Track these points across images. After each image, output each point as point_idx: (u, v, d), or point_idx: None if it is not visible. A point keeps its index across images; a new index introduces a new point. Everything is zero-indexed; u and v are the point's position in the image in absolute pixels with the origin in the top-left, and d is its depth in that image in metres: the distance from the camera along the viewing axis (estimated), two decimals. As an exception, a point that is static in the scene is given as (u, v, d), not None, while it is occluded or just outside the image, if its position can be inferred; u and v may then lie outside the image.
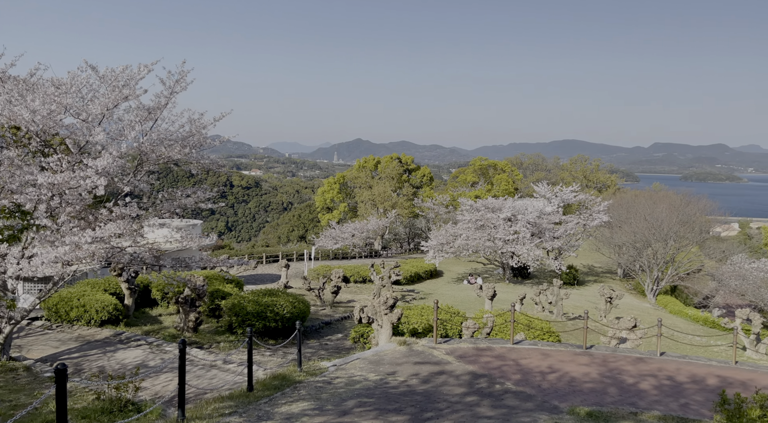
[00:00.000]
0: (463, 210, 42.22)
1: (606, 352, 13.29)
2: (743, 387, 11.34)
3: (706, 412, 9.61)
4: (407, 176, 68.89)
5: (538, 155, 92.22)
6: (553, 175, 77.15)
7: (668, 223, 38.79)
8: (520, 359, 11.93)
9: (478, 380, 10.35)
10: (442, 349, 12.77)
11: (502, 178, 65.26)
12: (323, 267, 37.64)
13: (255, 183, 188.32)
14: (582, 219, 43.39)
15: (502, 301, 28.65)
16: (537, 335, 16.83)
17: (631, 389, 10.40)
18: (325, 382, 10.12)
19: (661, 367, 12.18)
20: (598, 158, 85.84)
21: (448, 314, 17.44)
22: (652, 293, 39.04)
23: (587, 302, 33.17)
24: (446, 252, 39.46)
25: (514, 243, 38.18)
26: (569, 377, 10.84)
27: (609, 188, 74.34)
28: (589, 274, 46.72)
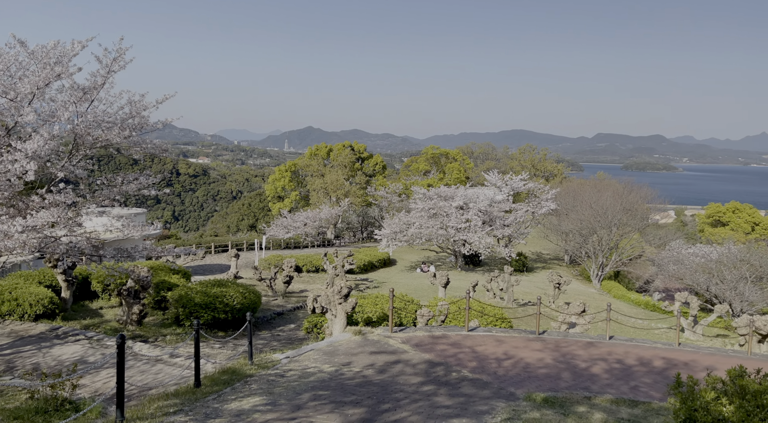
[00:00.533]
0: (416, 198, 42.35)
1: (558, 338, 13.50)
2: (687, 368, 11.74)
3: (655, 394, 9.85)
4: (360, 164, 68.46)
5: (488, 144, 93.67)
6: (502, 164, 78.56)
7: (612, 210, 40.15)
8: (475, 346, 11.91)
9: (434, 369, 10.23)
10: (397, 337, 12.61)
11: (453, 167, 65.85)
12: (275, 257, 36.90)
13: (203, 171, 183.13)
14: (531, 207, 44.36)
15: (455, 289, 28.89)
16: (490, 322, 16.97)
17: (584, 373, 10.55)
18: (278, 375, 9.76)
19: (611, 351, 12.45)
20: (545, 148, 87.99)
21: (403, 302, 17.33)
22: (598, 279, 40.42)
23: (536, 288, 33.95)
24: (399, 240, 39.47)
25: (466, 231, 38.60)
26: (524, 363, 10.89)
27: (556, 177, 76.37)
28: (538, 260, 47.92)
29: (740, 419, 5.57)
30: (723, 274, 30.96)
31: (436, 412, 7.72)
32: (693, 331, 25.18)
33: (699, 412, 6.03)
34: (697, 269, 34.13)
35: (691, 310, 25.65)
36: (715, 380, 6.53)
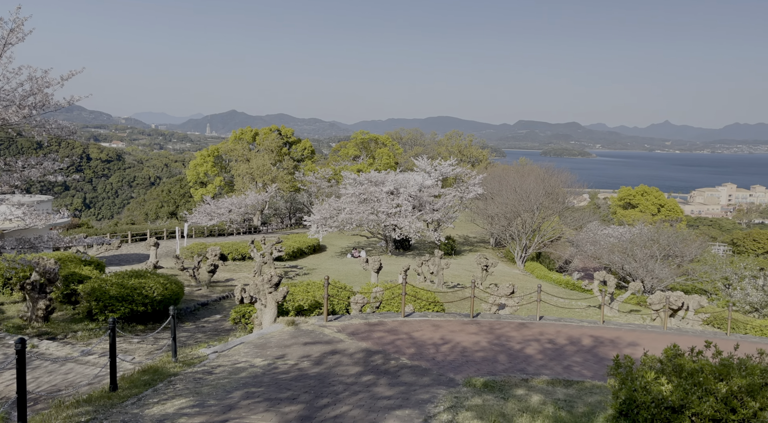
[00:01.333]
0: (347, 183, 41.81)
1: (492, 320, 13.60)
2: (613, 345, 12.17)
3: (587, 372, 10.08)
4: (287, 149, 66.82)
5: (417, 130, 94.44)
6: (430, 150, 79.48)
7: (535, 194, 41.58)
8: (412, 332, 11.73)
9: (372, 357, 9.92)
10: (333, 326, 12.19)
11: (383, 152, 65.79)
12: (198, 245, 35.24)
13: (117, 156, 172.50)
14: (459, 191, 45.10)
15: (387, 273, 28.81)
16: (423, 306, 16.93)
17: (519, 355, 10.63)
18: (206, 372, 9.07)
19: (542, 331, 12.69)
20: (471, 134, 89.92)
21: (336, 289, 16.91)
22: (521, 260, 41.86)
23: (465, 271, 34.60)
24: (330, 226, 38.89)
25: (397, 216, 38.63)
26: (461, 347, 10.82)
27: (481, 162, 78.30)
28: (465, 244, 48.96)
29: (679, 398, 5.62)
30: (635, 253, 32.89)
31: (377, 404, 7.40)
32: (610, 307, 26.56)
33: (638, 393, 6.05)
34: (612, 249, 36.07)
35: (609, 288, 27.02)
36: (652, 360, 6.61)
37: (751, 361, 6.27)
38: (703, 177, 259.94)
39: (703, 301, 22.30)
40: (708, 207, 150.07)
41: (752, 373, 5.78)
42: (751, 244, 56.87)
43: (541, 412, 7.61)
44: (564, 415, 7.71)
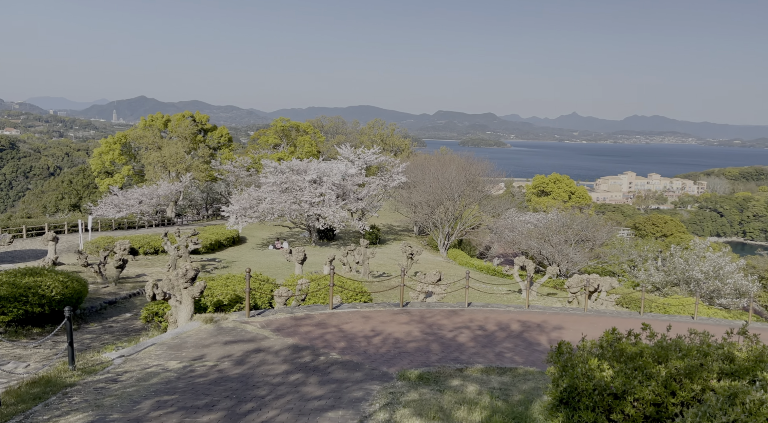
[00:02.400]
0: (267, 172, 40.38)
1: (422, 308, 13.35)
2: (540, 329, 12.29)
3: (518, 358, 10.02)
4: (203, 137, 63.68)
5: (339, 118, 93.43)
6: (352, 139, 78.83)
7: (457, 182, 42.23)
8: (342, 325, 11.19)
9: (300, 354, 9.28)
10: (256, 322, 11.39)
11: (305, 140, 64.36)
12: (105, 239, 32.63)
13: (10, 144, 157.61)
14: (383, 180, 44.95)
15: (311, 264, 28.07)
16: (351, 296, 16.43)
17: (452, 344, 10.40)
18: (110, 379, 8.04)
19: (472, 318, 12.59)
20: (393, 123, 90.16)
21: (257, 282, 16.01)
22: (444, 247, 42.47)
23: (390, 260, 34.51)
24: (250, 217, 37.41)
25: (321, 205, 37.82)
26: (393, 338, 10.43)
27: (403, 151, 78.76)
28: (390, 232, 49.02)
29: (622, 384, 5.47)
30: (551, 238, 34.22)
31: (307, 406, 6.80)
32: (531, 291, 27.40)
33: (580, 380, 5.86)
34: (529, 235, 37.35)
35: (528, 273, 27.83)
36: (592, 345, 6.49)
37: (684, 342, 6.30)
38: (607, 166, 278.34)
39: (614, 282, 23.46)
40: (611, 194, 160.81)
41: (689, 354, 5.76)
42: (651, 228, 61.30)
43: (478, 403, 7.35)
44: (500, 404, 7.50)
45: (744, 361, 5.81)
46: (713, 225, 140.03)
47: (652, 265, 33.49)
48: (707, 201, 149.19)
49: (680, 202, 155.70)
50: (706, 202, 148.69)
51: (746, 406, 4.38)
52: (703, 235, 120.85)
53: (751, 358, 5.90)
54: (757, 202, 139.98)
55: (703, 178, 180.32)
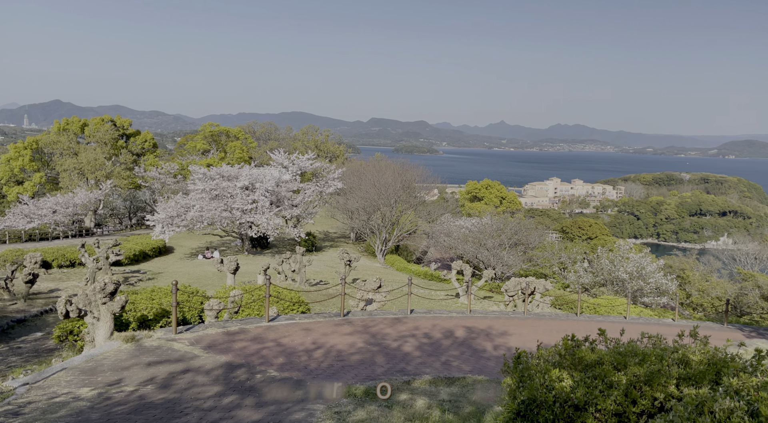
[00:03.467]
0: (196, 179, 38.57)
1: (365, 317, 12.83)
2: (486, 334, 12.09)
3: (465, 367, 9.71)
4: (125, 142, 60.21)
5: (271, 124, 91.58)
6: (286, 145, 77.34)
7: (393, 187, 42.13)
8: (280, 338, 10.46)
9: (235, 373, 8.50)
10: (184, 339, 10.45)
11: (236, 146, 62.33)
12: (13, 251, 29.84)
13: None
14: (318, 186, 44.15)
15: (244, 274, 26.90)
16: (288, 307, 15.66)
17: (397, 354, 9.95)
18: (9, 413, 6.96)
19: (417, 326, 12.21)
20: (327, 129, 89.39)
21: (186, 295, 14.92)
22: (382, 253, 42.18)
23: (327, 267, 33.77)
24: (177, 226, 35.50)
25: (253, 212, 36.51)
26: (336, 351, 9.84)
27: (338, 158, 78.15)
28: (326, 239, 48.19)
29: (584, 394, 5.20)
30: (486, 242, 34.72)
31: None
32: (467, 295, 27.53)
33: (539, 391, 5.53)
34: (465, 240, 37.74)
35: (465, 277, 27.97)
36: (549, 353, 6.21)
37: (639, 347, 6.15)
38: (533, 172, 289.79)
39: (547, 284, 23.93)
40: (539, 199, 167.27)
41: (647, 359, 5.59)
42: (577, 231, 63.95)
43: (429, 418, 6.92)
44: (451, 418, 7.11)
45: (699, 365, 5.70)
46: (631, 227, 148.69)
47: (581, 267, 34.68)
48: (625, 205, 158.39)
49: (601, 207, 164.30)
50: (624, 206, 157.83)
51: (715, 415, 4.16)
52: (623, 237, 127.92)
53: (704, 361, 5.80)
54: (669, 205, 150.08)
55: (621, 184, 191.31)
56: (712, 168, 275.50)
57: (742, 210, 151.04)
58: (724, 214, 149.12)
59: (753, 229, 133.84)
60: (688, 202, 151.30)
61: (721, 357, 5.86)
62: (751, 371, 4.74)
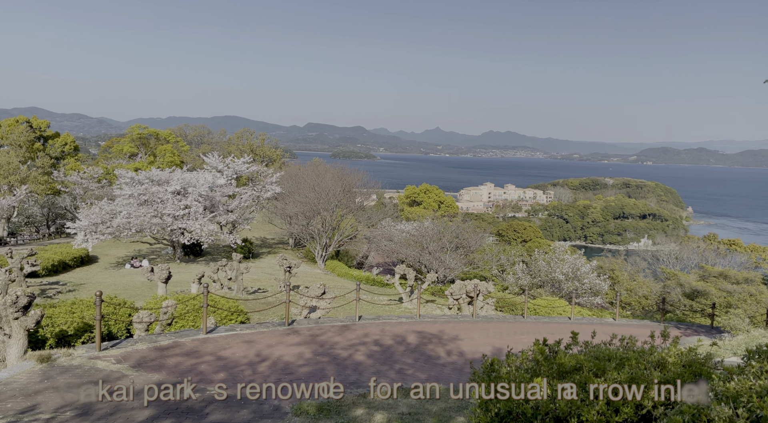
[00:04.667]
0: (122, 183, 36.25)
1: (311, 326, 12.11)
2: (437, 340, 11.69)
3: (420, 375, 9.24)
4: (42, 145, 56.04)
5: (204, 127, 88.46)
6: (220, 149, 74.80)
7: (334, 191, 41.41)
8: (219, 352, 9.58)
9: (169, 393, 7.59)
10: (109, 356, 9.35)
11: (166, 149, 59.48)
12: None
13: None
14: (255, 191, 42.72)
15: (177, 283, 25.37)
16: (225, 317, 14.66)
17: (349, 364, 9.33)
18: None
19: (366, 333, 11.64)
20: (263, 133, 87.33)
21: (112, 307, 13.62)
22: (322, 259, 41.30)
23: (265, 274, 32.59)
24: (102, 233, 33.17)
25: (186, 218, 34.70)
26: (283, 363, 9.09)
27: (275, 162, 76.43)
28: (263, 246, 46.70)
29: (567, 405, 4.80)
30: (428, 246, 34.69)
31: (182, 466, 5.31)
32: (410, 300, 27.23)
33: (516, 402, 5.08)
34: (407, 244, 37.59)
35: (409, 281, 27.69)
36: (523, 359, 5.81)
37: (614, 350, 5.86)
38: (468, 177, 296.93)
39: (489, 287, 24.01)
40: (474, 203, 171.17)
41: (626, 363, 5.29)
42: (512, 234, 65.61)
43: (390, 433, 6.38)
44: (414, 432, 6.60)
45: (675, 367, 5.46)
46: (560, 230, 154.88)
47: (520, 269, 35.31)
48: (555, 209, 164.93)
49: (533, 211, 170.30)
50: (554, 210, 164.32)
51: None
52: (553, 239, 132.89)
53: (678, 363, 5.57)
54: (595, 209, 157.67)
55: (550, 188, 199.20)
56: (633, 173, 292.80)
57: (660, 213, 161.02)
58: (644, 217, 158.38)
59: (669, 231, 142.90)
60: (612, 205, 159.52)
61: (695, 358, 5.67)
62: (738, 372, 4.50)
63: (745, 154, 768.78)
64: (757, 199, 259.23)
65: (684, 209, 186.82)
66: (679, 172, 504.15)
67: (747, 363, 4.38)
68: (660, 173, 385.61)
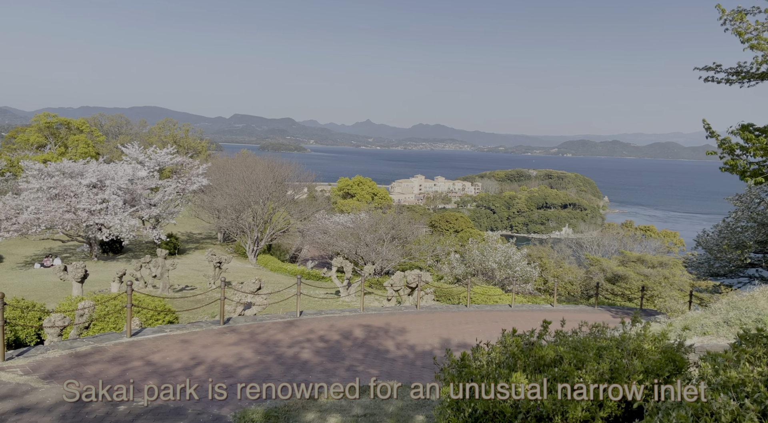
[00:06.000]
0: (29, 176, 33.16)
1: (250, 323, 11.27)
2: (385, 333, 11.21)
3: (372, 371, 8.71)
4: (-66, 133, 50.46)
5: (122, 117, 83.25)
6: (140, 140, 70.57)
7: (265, 183, 40.00)
8: (149, 356, 8.57)
9: (89, 407, 6.61)
10: (16, 367, 8.13)
11: (79, 140, 55.27)
12: None
13: None
14: (181, 183, 40.49)
15: (95, 283, 23.44)
16: (152, 317, 13.47)
17: (295, 363, 8.64)
18: None
19: (310, 328, 10.96)
20: (187, 123, 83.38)
21: (18, 310, 12.11)
22: (254, 254, 39.84)
23: (193, 271, 30.95)
24: (7, 230, 30.18)
25: (104, 213, 32.24)
26: (221, 366, 8.25)
27: (201, 154, 73.21)
28: (190, 241, 44.45)
29: (551, 402, 4.39)
30: (365, 238, 34.22)
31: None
32: (348, 293, 26.67)
33: (494, 401, 4.63)
34: (343, 236, 36.94)
35: (346, 274, 27.12)
36: (496, 352, 5.38)
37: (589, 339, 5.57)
38: (400, 170, 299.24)
39: (427, 277, 23.91)
40: (405, 196, 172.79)
41: (607, 353, 4.98)
42: (445, 225, 66.48)
43: (347, 439, 5.80)
44: (372, 435, 6.06)
45: (652, 354, 5.22)
46: (488, 220, 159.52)
47: (455, 258, 35.61)
48: (482, 200, 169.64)
49: (462, 202, 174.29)
50: (482, 201, 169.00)
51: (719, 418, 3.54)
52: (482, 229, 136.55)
53: (655, 350, 5.35)
54: (520, 200, 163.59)
55: (478, 180, 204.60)
56: (554, 165, 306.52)
57: (579, 202, 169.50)
58: (565, 207, 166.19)
59: (588, 220, 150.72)
60: (536, 196, 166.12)
61: (669, 344, 5.46)
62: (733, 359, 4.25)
63: (654, 146, 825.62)
64: (664, 188, 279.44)
65: (601, 199, 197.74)
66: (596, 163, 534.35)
67: (738, 349, 4.14)
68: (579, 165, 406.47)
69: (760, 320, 8.47)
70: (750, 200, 21.59)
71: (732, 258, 19.11)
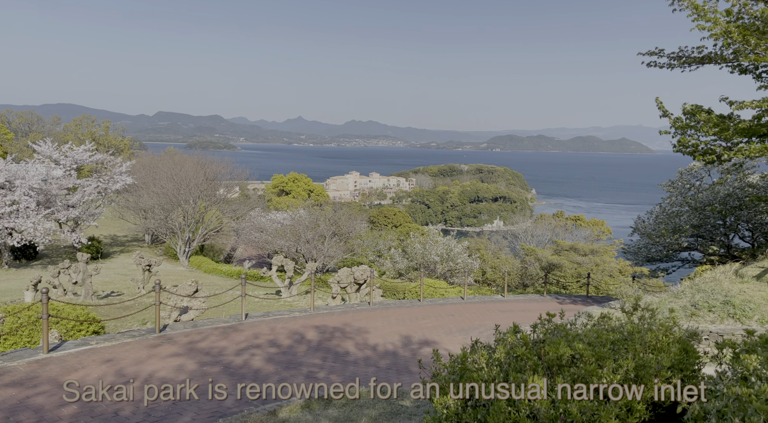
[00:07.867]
0: None
1: (189, 330, 10.05)
2: (342, 333, 10.34)
3: (336, 378, 7.84)
4: None
5: (32, 113, 76.97)
6: (55, 137, 65.33)
7: (196, 181, 37.87)
8: (68, 375, 7.26)
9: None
10: None
11: (-17, 137, 50.29)
12: None
13: None
14: (102, 182, 37.56)
15: (6, 293, 21.04)
16: (73, 328, 11.92)
17: (246, 373, 7.60)
18: None
19: (257, 333, 9.90)
20: (107, 120, 78.20)
21: None
22: (185, 255, 37.65)
23: (118, 276, 28.69)
24: None
25: (14, 216, 29.21)
26: (159, 381, 7.09)
27: (123, 152, 68.84)
28: (115, 244, 41.43)
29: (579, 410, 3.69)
30: (305, 235, 33.05)
31: None
32: (290, 292, 25.51)
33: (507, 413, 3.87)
34: (282, 234, 35.56)
35: (288, 273, 25.94)
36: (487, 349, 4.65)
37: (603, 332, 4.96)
38: (334, 166, 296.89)
39: (374, 272, 23.22)
40: (341, 192, 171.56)
41: (627, 347, 4.38)
42: (383, 220, 66.09)
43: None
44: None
45: (669, 346, 4.68)
46: (423, 215, 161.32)
47: (397, 253, 35.15)
48: (417, 195, 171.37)
49: (397, 198, 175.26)
50: (417, 196, 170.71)
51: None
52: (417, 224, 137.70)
53: (665, 341, 4.83)
54: (453, 194, 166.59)
55: (412, 176, 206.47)
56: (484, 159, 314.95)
57: (509, 195, 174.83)
58: (496, 200, 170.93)
59: (518, 212, 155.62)
60: (468, 190, 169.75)
61: (681, 335, 4.96)
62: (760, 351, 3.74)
63: (576, 140, 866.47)
64: (587, 180, 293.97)
65: (529, 191, 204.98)
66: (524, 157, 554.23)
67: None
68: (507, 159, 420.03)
69: (728, 302, 8.33)
70: (682, 186, 22.41)
71: (670, 242, 19.66)
